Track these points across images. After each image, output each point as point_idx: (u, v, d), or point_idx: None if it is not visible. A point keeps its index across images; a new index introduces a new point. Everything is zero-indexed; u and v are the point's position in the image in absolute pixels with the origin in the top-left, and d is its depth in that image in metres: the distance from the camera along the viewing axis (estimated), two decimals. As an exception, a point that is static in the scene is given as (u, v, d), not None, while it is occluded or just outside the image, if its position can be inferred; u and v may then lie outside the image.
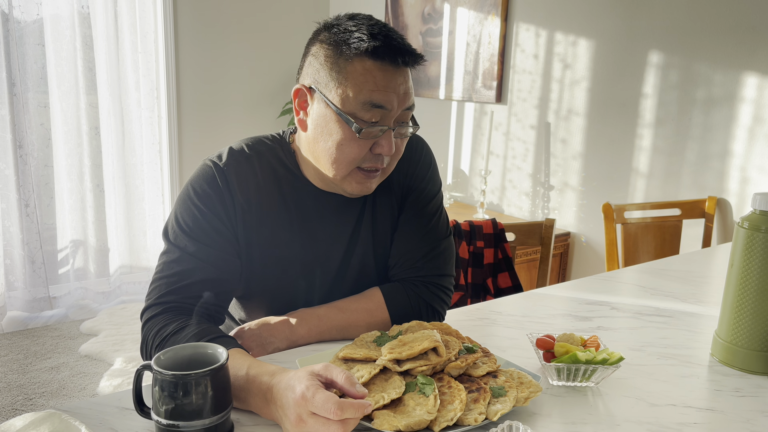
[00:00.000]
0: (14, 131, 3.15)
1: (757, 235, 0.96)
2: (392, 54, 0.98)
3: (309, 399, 0.73)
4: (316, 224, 1.12)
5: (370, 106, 0.98)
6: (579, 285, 1.45)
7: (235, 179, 1.07)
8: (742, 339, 1.00)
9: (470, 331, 1.15)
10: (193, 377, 0.73)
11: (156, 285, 1.03)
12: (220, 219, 1.05)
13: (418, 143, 1.21)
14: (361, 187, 1.06)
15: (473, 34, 3.21)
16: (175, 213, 1.07)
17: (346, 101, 0.98)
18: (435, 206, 1.19)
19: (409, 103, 1.03)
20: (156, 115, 3.65)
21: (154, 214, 3.72)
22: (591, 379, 0.93)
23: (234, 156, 1.09)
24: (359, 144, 1.00)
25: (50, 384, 2.63)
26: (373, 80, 0.98)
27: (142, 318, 1.02)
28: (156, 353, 0.90)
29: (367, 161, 1.02)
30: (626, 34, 2.61)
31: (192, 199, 1.06)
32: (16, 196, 3.19)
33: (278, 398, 0.78)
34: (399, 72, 1.00)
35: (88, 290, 3.55)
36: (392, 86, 0.99)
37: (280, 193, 1.10)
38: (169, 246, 1.05)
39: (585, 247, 2.88)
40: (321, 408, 0.72)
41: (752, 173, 2.29)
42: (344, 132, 0.99)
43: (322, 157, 1.04)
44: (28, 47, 3.22)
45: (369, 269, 1.17)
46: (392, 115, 1.00)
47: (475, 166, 3.35)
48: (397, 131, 1.03)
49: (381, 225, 1.16)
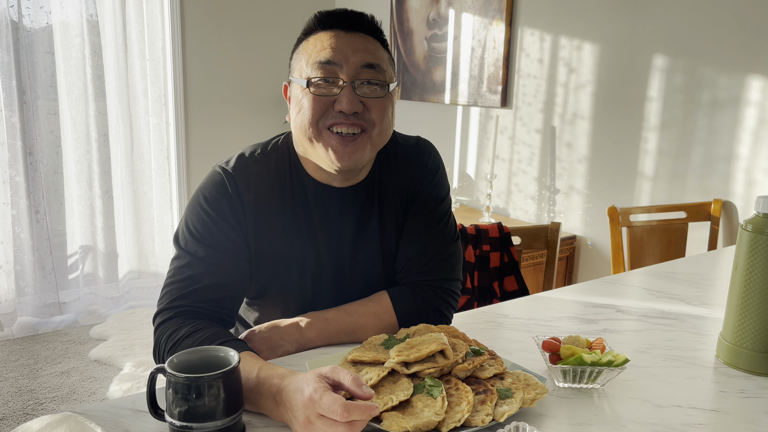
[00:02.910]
0: (24, 138, 3.19)
1: (760, 237, 0.97)
2: (339, 21, 1.05)
3: (316, 401, 0.74)
4: (320, 220, 1.13)
5: (318, 65, 1.03)
6: (585, 288, 1.46)
7: (244, 183, 1.09)
8: (747, 340, 1.01)
9: (477, 333, 1.17)
10: (205, 380, 0.75)
11: (168, 290, 1.05)
12: (230, 224, 1.07)
13: (426, 148, 1.22)
14: (339, 154, 1.04)
15: (478, 39, 3.23)
16: (185, 219, 1.09)
17: (303, 71, 1.05)
18: (442, 211, 1.20)
19: (368, 60, 1.04)
20: (164, 122, 3.68)
21: (162, 220, 3.75)
22: (597, 380, 0.94)
23: (242, 161, 1.12)
24: (317, 101, 1.03)
25: (60, 389, 2.65)
26: (321, 43, 1.04)
27: (154, 322, 1.04)
28: (168, 356, 0.91)
29: (330, 118, 1.03)
30: (630, 38, 2.62)
31: (201, 205, 1.08)
32: (26, 202, 3.23)
33: (288, 400, 0.79)
34: (352, 36, 1.05)
35: (98, 295, 3.58)
36: (341, 45, 1.03)
37: (288, 194, 1.12)
38: (179, 252, 1.07)
39: (591, 251, 2.89)
40: (328, 410, 0.73)
41: (757, 176, 2.29)
42: (303, 95, 1.04)
43: (297, 131, 1.08)
44: (37, 55, 3.26)
45: (377, 270, 1.18)
46: (347, 71, 1.03)
47: (481, 170, 3.36)
48: (360, 89, 1.04)
49: (387, 226, 1.17)
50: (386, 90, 1.06)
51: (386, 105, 1.07)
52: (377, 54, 1.06)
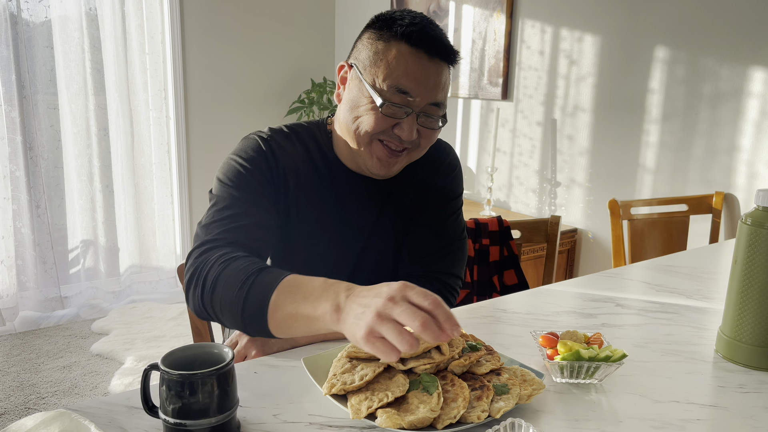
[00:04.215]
0: (24, 133, 3.18)
1: (760, 231, 0.96)
2: (427, 43, 1.03)
3: (411, 287, 0.73)
4: (345, 205, 1.17)
5: (395, 90, 1.03)
6: (584, 282, 1.45)
7: (278, 147, 1.13)
8: (746, 335, 1.00)
9: (474, 328, 1.16)
10: (199, 376, 0.74)
11: (208, 228, 1.03)
12: (265, 177, 1.10)
13: (446, 148, 1.27)
14: (382, 164, 1.09)
15: (479, 31, 3.21)
16: (217, 177, 1.11)
17: (377, 80, 1.04)
18: (453, 207, 1.23)
19: (437, 98, 1.07)
20: (164, 116, 3.67)
21: (163, 214, 3.75)
22: (594, 376, 0.93)
23: (275, 131, 1.16)
24: (380, 119, 1.05)
25: (62, 383, 2.66)
26: (405, 65, 1.03)
27: (189, 258, 1.00)
28: (213, 277, 0.92)
29: (385, 135, 1.07)
30: (632, 30, 2.60)
31: (236, 160, 1.10)
32: (27, 197, 3.23)
33: (364, 292, 0.77)
34: (432, 64, 1.04)
35: (99, 290, 3.59)
36: (421, 76, 1.04)
37: (314, 171, 1.15)
38: (215, 199, 1.08)
39: (592, 244, 2.88)
40: (419, 297, 0.72)
41: (759, 168, 2.28)
42: (369, 104, 1.05)
43: (346, 125, 1.09)
44: (36, 49, 3.25)
45: (387, 260, 1.20)
46: (416, 104, 1.05)
47: (482, 163, 3.35)
48: (421, 120, 1.06)
49: (400, 219, 1.20)
50: (441, 123, 1.10)
51: (436, 134, 1.12)
52: (445, 89, 1.10)
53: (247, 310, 0.88)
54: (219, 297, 0.92)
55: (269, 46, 3.97)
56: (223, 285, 0.92)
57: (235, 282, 0.90)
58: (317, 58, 4.17)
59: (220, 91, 3.85)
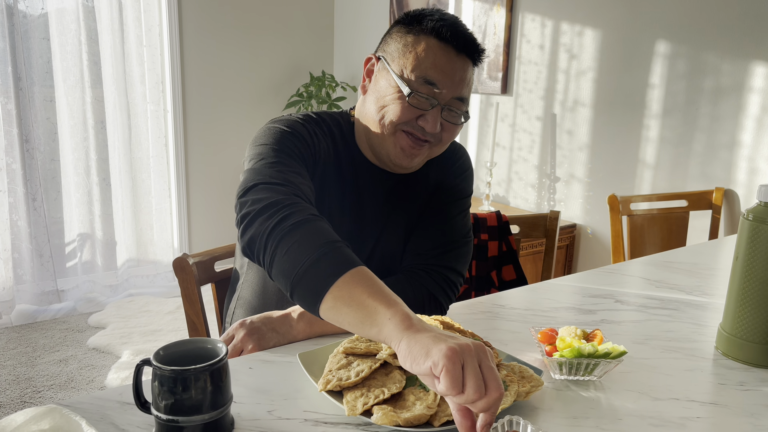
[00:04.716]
0: (20, 126, 3.16)
1: (762, 227, 0.95)
2: (455, 38, 1.05)
3: (484, 349, 0.69)
4: (364, 199, 1.18)
5: (423, 81, 1.05)
6: (583, 278, 1.44)
7: (314, 133, 1.14)
8: (747, 332, 0.99)
9: (473, 324, 1.15)
10: (192, 372, 0.73)
11: (254, 179, 0.98)
12: (304, 142, 1.10)
13: (459, 150, 1.30)
14: (405, 154, 1.10)
15: (479, 24, 3.19)
16: (256, 144, 1.08)
17: (405, 71, 1.06)
18: (461, 206, 1.24)
19: (462, 93, 1.08)
20: (162, 109, 3.65)
21: (160, 208, 3.74)
22: (593, 373, 0.92)
23: (307, 115, 1.18)
24: (406, 108, 1.06)
25: (59, 377, 2.65)
26: (433, 58, 1.05)
27: (247, 193, 0.97)
28: (287, 212, 0.89)
29: (410, 125, 1.08)
30: (633, 24, 2.58)
31: (275, 126, 1.10)
32: (23, 190, 3.21)
33: (441, 335, 0.71)
34: (459, 59, 1.06)
35: (96, 283, 3.57)
36: (448, 69, 1.05)
37: (338, 162, 1.16)
38: (259, 157, 1.04)
39: (591, 239, 2.87)
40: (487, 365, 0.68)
41: (760, 164, 2.27)
42: (396, 93, 1.07)
43: (370, 115, 1.11)
44: (33, 41, 3.22)
45: (396, 256, 1.21)
46: (442, 96, 1.06)
47: (481, 157, 3.33)
48: (445, 114, 1.08)
49: (411, 219, 1.22)
50: (464, 119, 1.12)
51: (458, 130, 1.14)
52: (470, 86, 1.11)
53: (313, 269, 0.83)
54: (289, 243, 0.86)
55: (268, 39, 3.95)
56: (299, 240, 0.86)
57: (312, 243, 0.85)
58: (316, 51, 4.14)
59: (217, 83, 3.83)
